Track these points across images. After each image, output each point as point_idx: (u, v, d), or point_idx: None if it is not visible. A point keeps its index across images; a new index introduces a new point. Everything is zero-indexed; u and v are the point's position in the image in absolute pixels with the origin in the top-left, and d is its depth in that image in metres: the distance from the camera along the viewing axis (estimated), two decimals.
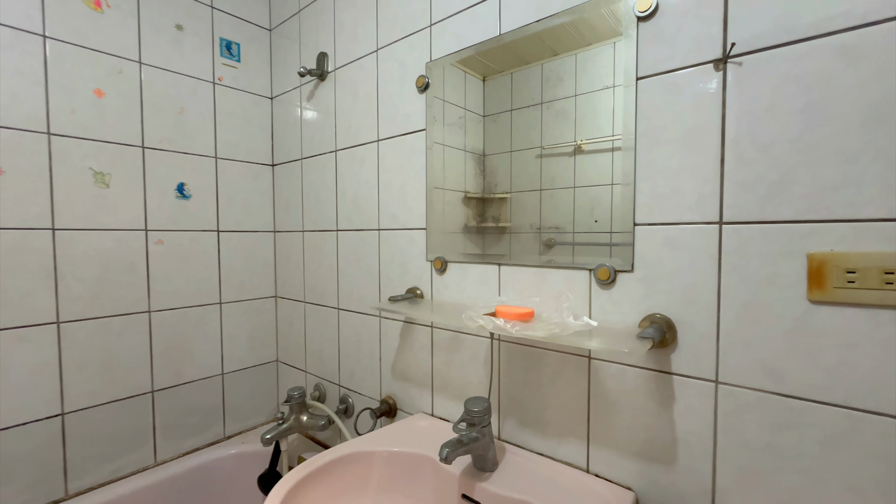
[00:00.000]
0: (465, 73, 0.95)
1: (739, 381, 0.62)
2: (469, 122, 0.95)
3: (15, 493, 1.02)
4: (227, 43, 1.38)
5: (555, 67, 0.81)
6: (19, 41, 1.00)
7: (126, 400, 1.19)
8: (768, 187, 0.58)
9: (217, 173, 1.37)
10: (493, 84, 0.92)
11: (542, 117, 0.84)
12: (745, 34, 0.59)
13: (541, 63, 0.84)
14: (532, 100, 0.85)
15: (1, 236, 0.98)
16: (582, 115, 0.78)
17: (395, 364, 1.12)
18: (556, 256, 0.81)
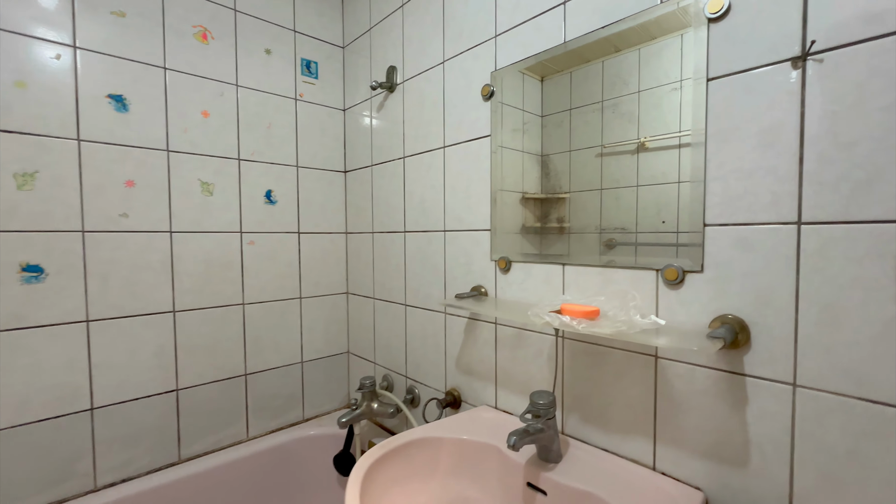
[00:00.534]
0: (523, 76, 0.98)
1: (820, 384, 0.60)
2: (528, 124, 0.99)
3: (141, 454, 1.21)
4: (307, 62, 1.53)
5: (616, 64, 0.83)
6: (147, 74, 1.19)
7: (225, 381, 1.37)
8: (853, 187, 0.57)
9: (298, 180, 1.52)
10: (551, 84, 0.94)
11: (603, 115, 0.85)
12: (827, 30, 0.58)
13: (602, 60, 0.85)
14: (592, 98, 0.87)
15: (135, 238, 1.18)
16: (645, 111, 0.79)
17: (459, 358, 1.19)
18: (617, 257, 0.83)
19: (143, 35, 1.18)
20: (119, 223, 1.16)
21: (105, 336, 1.15)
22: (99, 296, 1.13)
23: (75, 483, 1.11)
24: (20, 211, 1.02)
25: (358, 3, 1.53)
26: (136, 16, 1.17)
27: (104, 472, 1.15)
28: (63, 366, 1.09)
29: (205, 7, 1.29)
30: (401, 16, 1.34)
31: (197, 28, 1.28)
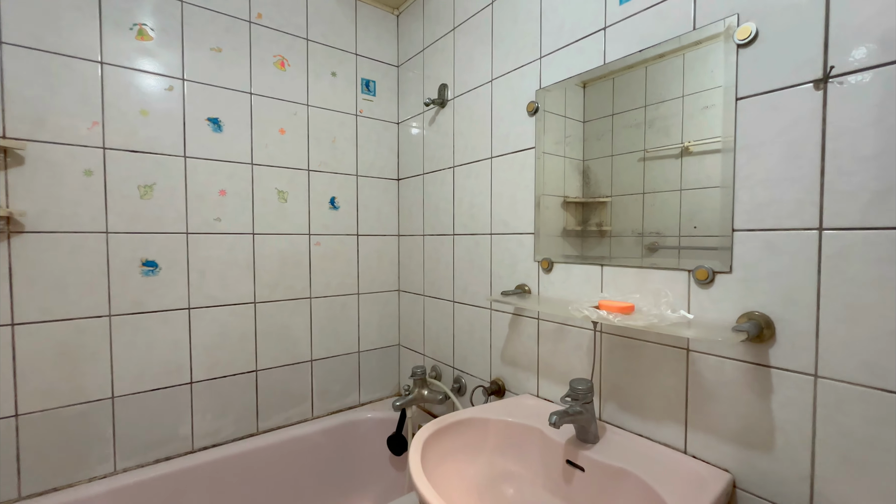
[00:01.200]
0: (565, 85, 1.08)
1: (840, 375, 0.66)
2: (570, 129, 1.08)
3: (228, 424, 1.41)
4: (366, 81, 1.70)
5: (661, 69, 0.89)
6: (237, 99, 1.39)
7: (294, 365, 1.55)
8: (871, 196, 0.63)
9: (357, 188, 1.69)
10: (593, 90, 1.03)
11: (646, 119, 0.93)
12: (847, 55, 0.65)
13: (645, 66, 0.92)
14: (635, 103, 0.94)
15: (226, 239, 1.38)
16: (689, 116, 0.85)
17: (504, 350, 1.30)
18: (655, 259, 0.91)
19: (234, 66, 1.39)
20: (214, 226, 1.36)
21: (202, 321, 1.36)
22: (198, 287, 1.34)
23: (178, 444, 1.33)
24: (142, 216, 1.24)
25: (412, 26, 1.68)
26: (230, 50, 1.38)
27: (200, 437, 1.36)
28: (170, 345, 1.30)
29: (283, 38, 1.48)
30: (452, 38, 1.47)
31: (276, 57, 1.47)
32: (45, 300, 1.12)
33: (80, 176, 1.16)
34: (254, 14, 1.42)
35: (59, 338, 1.14)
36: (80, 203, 1.16)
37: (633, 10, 0.93)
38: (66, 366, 1.15)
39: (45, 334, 1.13)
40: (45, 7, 1.10)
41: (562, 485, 0.93)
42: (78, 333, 1.17)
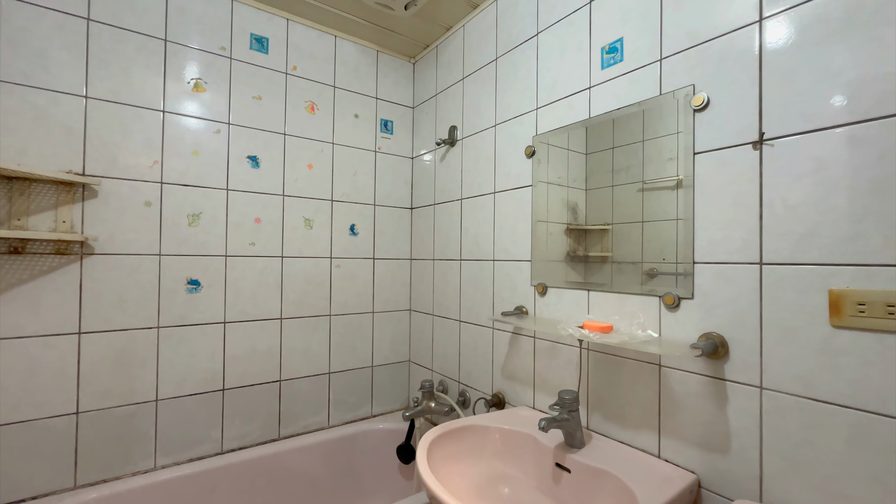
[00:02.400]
0: (566, 130, 1.24)
1: (780, 387, 0.79)
2: (560, 171, 1.24)
3: (254, 429, 1.56)
4: (384, 122, 1.90)
5: (636, 121, 1.04)
6: (273, 139, 1.60)
7: (314, 377, 1.70)
8: (797, 238, 0.77)
9: (375, 216, 1.87)
10: (582, 136, 1.19)
11: (616, 166, 1.08)
12: (776, 124, 0.80)
13: (624, 119, 1.07)
14: (634, 137, 1.07)
15: (259, 261, 1.56)
16: (654, 161, 0.99)
17: (504, 366, 1.43)
18: (635, 285, 1.05)
19: (271, 111, 1.60)
20: (249, 250, 1.55)
21: (235, 335, 1.52)
22: (233, 304, 1.52)
23: (209, 446, 1.47)
24: (189, 241, 1.43)
25: (427, 74, 1.89)
26: (269, 98, 1.59)
27: (229, 439, 1.51)
28: (207, 355, 1.47)
29: (313, 86, 1.70)
30: (462, 86, 1.67)
31: (307, 102, 1.69)
32: (107, 313, 1.30)
33: (141, 206, 1.36)
34: (290, 67, 1.64)
35: (116, 346, 1.32)
36: (140, 230, 1.35)
37: (612, 75, 1.10)
38: (120, 371, 1.33)
39: (105, 342, 1.30)
40: (122, 66, 1.33)
41: (551, 485, 1.04)
42: (131, 342, 1.34)
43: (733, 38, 0.87)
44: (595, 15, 1.15)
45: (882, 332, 0.68)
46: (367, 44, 1.84)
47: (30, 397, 1.20)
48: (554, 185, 1.27)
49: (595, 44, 1.15)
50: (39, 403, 1.22)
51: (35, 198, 1.20)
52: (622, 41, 1.08)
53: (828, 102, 0.74)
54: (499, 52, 1.48)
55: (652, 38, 1.01)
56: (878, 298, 0.68)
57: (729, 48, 0.87)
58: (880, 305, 0.67)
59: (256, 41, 1.57)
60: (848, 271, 0.71)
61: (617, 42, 1.09)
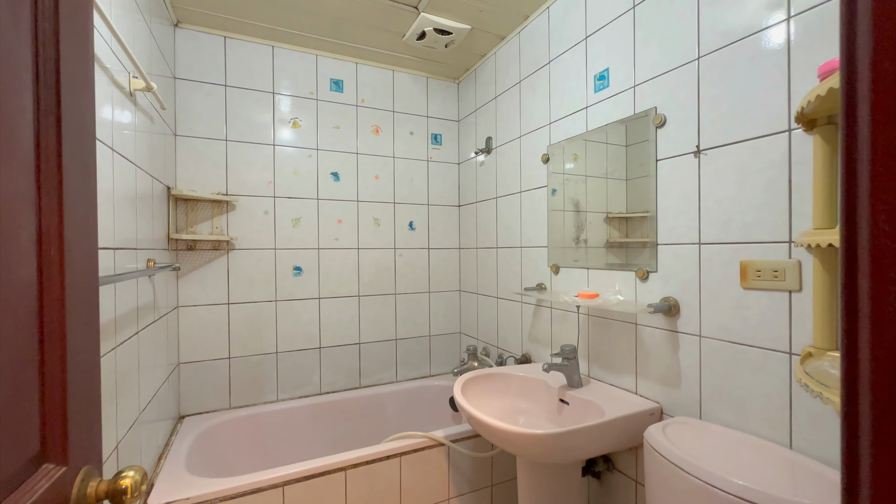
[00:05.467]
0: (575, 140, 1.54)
1: (711, 334, 1.07)
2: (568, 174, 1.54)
3: (341, 378, 2.08)
4: (434, 135, 2.31)
5: (621, 133, 1.33)
6: (348, 158, 2.08)
7: (384, 342, 2.18)
8: (721, 224, 1.04)
9: (429, 214, 2.29)
10: (582, 144, 1.48)
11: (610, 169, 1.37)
12: (708, 138, 1.07)
13: (624, 125, 1.36)
14: (619, 145, 1.36)
15: (341, 252, 2.06)
16: (634, 166, 1.29)
17: (530, 331, 1.78)
18: (620, 262, 1.34)
19: (347, 136, 2.08)
20: (333, 244, 2.05)
21: (326, 307, 2.04)
22: (324, 285, 2.03)
23: (310, 388, 2.01)
24: (294, 238, 1.96)
25: (468, 92, 2.26)
26: (345, 126, 2.07)
27: (325, 384, 2.04)
28: (308, 322, 2.00)
29: (377, 113, 2.15)
30: (495, 104, 2.01)
31: (373, 126, 2.15)
32: (244, 290, 1.88)
33: (262, 215, 1.91)
34: (359, 100, 2.11)
35: (250, 313, 1.89)
36: (262, 231, 1.91)
37: (602, 97, 1.39)
38: (253, 330, 1.90)
39: (243, 311, 1.88)
40: (246, 115, 1.87)
41: (556, 414, 1.39)
42: (259, 311, 1.91)
43: (680, 72, 1.14)
44: (590, 48, 1.44)
45: (770, 291, 0.94)
46: (417, 73, 2.25)
47: (201, 346, 1.81)
48: (561, 184, 1.58)
49: (589, 72, 1.44)
50: (207, 350, 1.82)
51: (200, 212, 1.78)
52: (608, 70, 1.37)
53: (739, 123, 1.00)
54: (522, 76, 1.81)
55: (628, 68, 1.30)
56: (767, 266, 0.94)
57: (678, 80, 1.14)
58: (769, 271, 0.94)
59: (334, 83, 2.06)
60: (752, 248, 0.98)
61: (605, 71, 1.38)
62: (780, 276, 0.92)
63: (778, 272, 0.92)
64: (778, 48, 0.93)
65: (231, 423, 1.78)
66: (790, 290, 0.91)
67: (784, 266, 0.91)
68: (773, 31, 0.93)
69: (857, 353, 0.24)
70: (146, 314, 1.29)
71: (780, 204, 0.93)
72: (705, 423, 1.06)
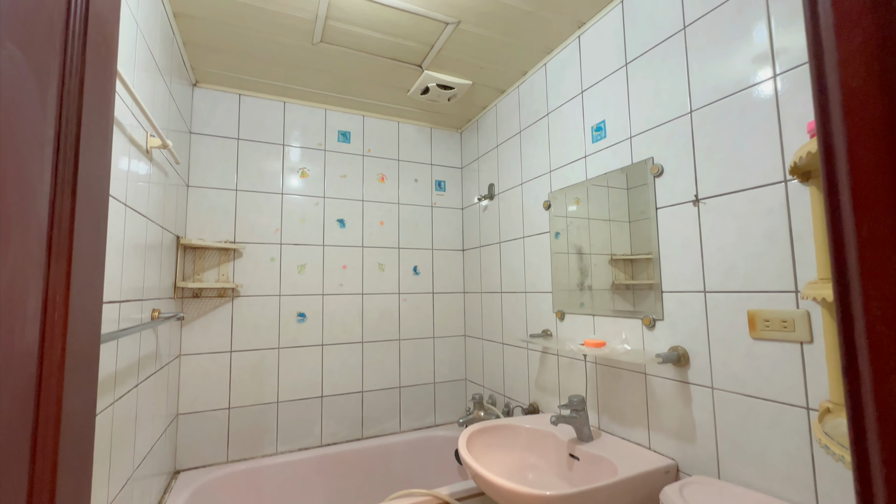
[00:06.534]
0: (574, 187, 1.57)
1: (723, 386, 1.03)
2: (570, 219, 1.56)
3: (343, 429, 2.01)
4: (438, 182, 2.37)
5: (623, 181, 1.36)
6: (354, 205, 2.13)
7: (387, 389, 2.13)
8: (724, 271, 1.03)
9: (433, 258, 2.30)
10: (585, 190, 1.51)
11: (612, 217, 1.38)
12: (705, 187, 1.08)
13: (624, 173, 1.39)
14: (621, 192, 1.38)
15: (346, 298, 2.06)
16: (635, 214, 1.30)
17: (537, 380, 1.73)
18: (626, 309, 1.33)
19: (353, 184, 2.14)
20: (338, 289, 2.06)
21: (329, 354, 2.01)
22: (328, 331, 2.02)
23: (311, 439, 1.95)
24: (298, 284, 1.97)
25: (470, 140, 2.34)
26: (351, 175, 2.14)
27: (325, 436, 1.97)
28: (311, 369, 1.97)
29: (383, 162, 2.23)
30: (496, 153, 2.08)
31: (378, 174, 2.21)
32: (247, 337, 1.86)
33: (268, 261, 1.93)
34: (366, 150, 2.19)
35: (252, 361, 1.87)
36: (267, 278, 1.92)
37: (600, 147, 1.44)
38: (255, 379, 1.87)
39: (246, 359, 1.86)
40: (257, 166, 1.94)
41: (566, 470, 1.33)
42: (262, 359, 1.89)
43: (675, 124, 1.17)
44: (586, 102, 1.51)
45: (781, 342, 0.92)
46: (422, 124, 2.35)
47: (201, 396, 1.77)
48: (564, 227, 1.60)
49: (587, 123, 1.50)
50: (207, 400, 1.78)
51: (208, 259, 1.81)
52: (605, 122, 1.42)
53: (735, 173, 1.02)
54: (522, 126, 1.88)
55: (624, 120, 1.34)
56: (775, 316, 0.92)
57: (673, 131, 1.18)
58: (778, 322, 0.92)
59: (342, 135, 2.15)
60: (758, 297, 0.97)
61: (601, 123, 1.43)
62: (789, 326, 0.90)
63: (787, 322, 0.90)
64: (767, 103, 0.96)
65: (228, 477, 1.71)
66: (801, 341, 0.89)
67: (792, 316, 0.90)
68: (762, 87, 0.97)
69: (868, 456, 0.23)
70: (147, 365, 1.28)
71: (782, 252, 0.93)
72: (725, 483, 1.00)
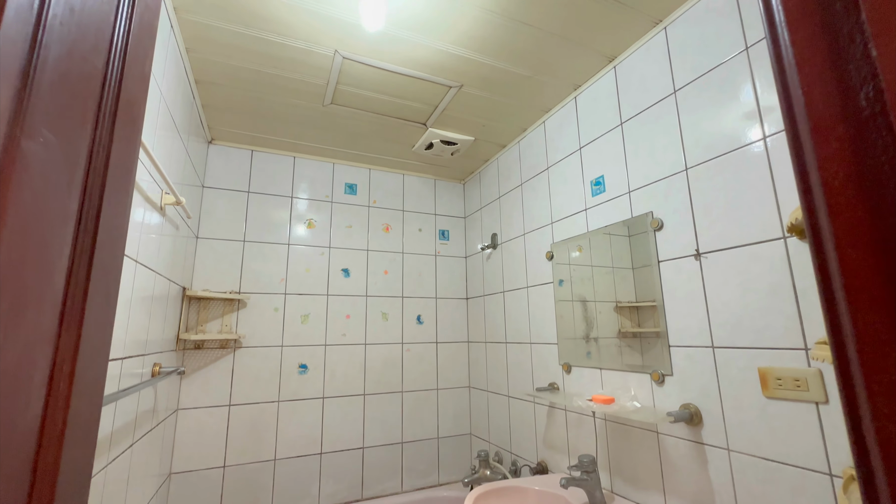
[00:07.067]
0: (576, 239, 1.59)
1: (739, 448, 0.99)
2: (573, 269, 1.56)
3: (342, 489, 1.91)
4: (442, 231, 2.41)
5: (625, 231, 1.38)
6: (358, 254, 2.15)
7: (389, 445, 2.04)
8: (731, 327, 1.02)
9: (436, 307, 2.29)
10: (588, 242, 1.52)
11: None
12: (706, 242, 1.10)
13: (626, 225, 1.41)
14: (623, 242, 1.39)
15: (349, 348, 2.04)
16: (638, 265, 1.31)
17: (545, 437, 1.66)
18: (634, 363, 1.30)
19: (358, 234, 2.18)
20: (341, 339, 2.04)
21: (330, 407, 1.96)
22: (329, 383, 1.97)
23: (308, 500, 1.85)
24: (301, 335, 1.96)
25: (473, 192, 2.40)
26: (357, 225, 2.18)
27: (324, 496, 1.87)
28: (310, 424, 1.91)
29: (388, 212, 2.28)
30: (499, 204, 2.13)
31: (383, 225, 2.26)
32: (247, 390, 1.82)
33: (272, 312, 1.93)
34: (371, 201, 2.25)
35: (251, 415, 1.81)
36: (270, 328, 1.91)
37: (599, 201, 1.47)
38: (252, 435, 1.80)
39: (245, 413, 1.81)
40: (265, 218, 1.99)
41: None
42: (261, 413, 1.83)
43: (672, 181, 1.21)
44: (584, 157, 1.56)
45: (796, 402, 0.89)
46: (426, 176, 2.43)
47: (196, 453, 1.71)
48: (568, 275, 1.60)
49: (586, 178, 1.54)
50: (202, 457, 1.71)
51: (211, 310, 1.81)
52: (604, 177, 1.46)
53: (734, 229, 1.04)
54: (523, 179, 1.94)
55: (622, 176, 1.39)
56: (787, 375, 0.90)
57: (670, 187, 1.21)
58: (790, 380, 0.90)
59: (349, 187, 2.21)
60: (767, 353, 0.95)
61: (600, 178, 1.48)
62: (802, 385, 0.88)
63: (800, 381, 0.88)
64: (760, 162, 0.99)
65: None
66: (816, 401, 0.86)
67: (805, 375, 0.88)
68: (753, 148, 1.01)
69: None
70: (144, 422, 1.25)
71: (788, 308, 0.92)
72: None
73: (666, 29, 1.26)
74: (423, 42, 1.35)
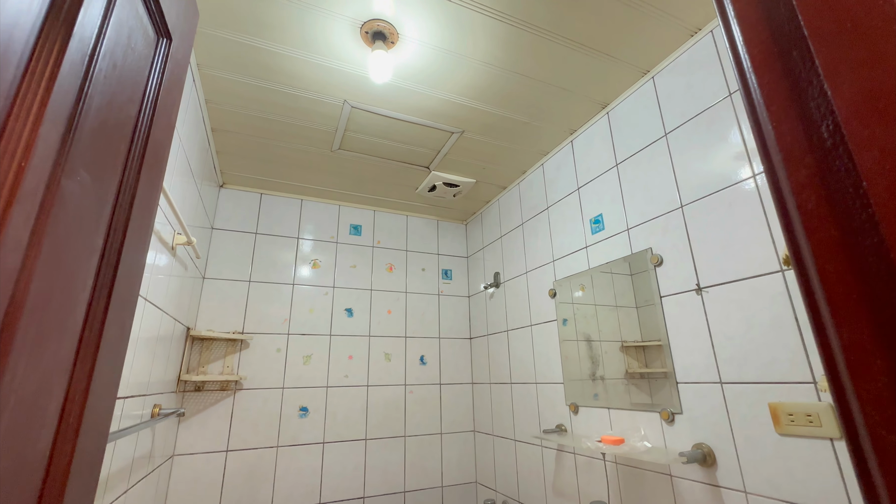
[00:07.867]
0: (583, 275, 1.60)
1: (757, 490, 0.95)
2: (577, 306, 1.56)
3: None
4: (445, 271, 2.43)
5: (627, 269, 1.39)
6: (363, 294, 2.16)
7: (392, 495, 1.95)
8: (738, 362, 1.01)
9: (440, 347, 2.27)
10: (592, 279, 1.53)
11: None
12: (706, 277, 1.11)
13: (627, 261, 1.42)
14: (624, 279, 1.41)
15: (351, 390, 2.00)
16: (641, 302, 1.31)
17: (554, 483, 1.59)
18: (643, 402, 1.27)
19: (362, 274, 2.20)
20: (343, 381, 2.00)
21: (330, 453, 1.89)
22: (330, 427, 1.92)
23: None
24: (303, 376, 1.93)
25: (475, 232, 2.45)
26: (361, 265, 2.21)
27: None
28: (310, 471, 1.84)
29: (391, 252, 2.31)
30: (500, 243, 2.16)
31: (387, 264, 2.28)
32: (246, 434, 1.77)
33: (274, 352, 1.91)
34: (375, 241, 2.29)
35: (248, 461, 1.75)
36: (271, 369, 1.89)
37: (599, 239, 1.50)
38: (249, 483, 1.73)
39: (242, 459, 1.75)
40: (271, 258, 2.03)
41: None
42: (258, 459, 1.77)
43: (669, 217, 1.24)
44: (583, 197, 1.61)
45: (810, 438, 0.87)
46: (429, 217, 2.49)
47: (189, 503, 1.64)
48: (572, 314, 1.60)
49: (585, 217, 1.58)
50: None
51: (214, 351, 1.80)
52: (602, 216, 1.50)
53: (732, 263, 1.06)
54: (524, 219, 1.98)
55: (620, 214, 1.43)
56: (798, 410, 0.89)
57: (668, 224, 1.25)
58: (802, 416, 0.88)
59: (353, 228, 2.27)
60: (776, 388, 0.94)
61: (599, 216, 1.52)
62: (815, 421, 0.86)
63: (812, 417, 0.87)
64: (752, 199, 1.03)
65: None
66: (830, 437, 0.84)
67: (816, 410, 0.86)
68: (744, 185, 1.05)
69: None
70: (140, 467, 1.21)
71: (792, 342, 0.92)
72: None
73: (654, 78, 1.35)
74: (428, 92, 1.44)
